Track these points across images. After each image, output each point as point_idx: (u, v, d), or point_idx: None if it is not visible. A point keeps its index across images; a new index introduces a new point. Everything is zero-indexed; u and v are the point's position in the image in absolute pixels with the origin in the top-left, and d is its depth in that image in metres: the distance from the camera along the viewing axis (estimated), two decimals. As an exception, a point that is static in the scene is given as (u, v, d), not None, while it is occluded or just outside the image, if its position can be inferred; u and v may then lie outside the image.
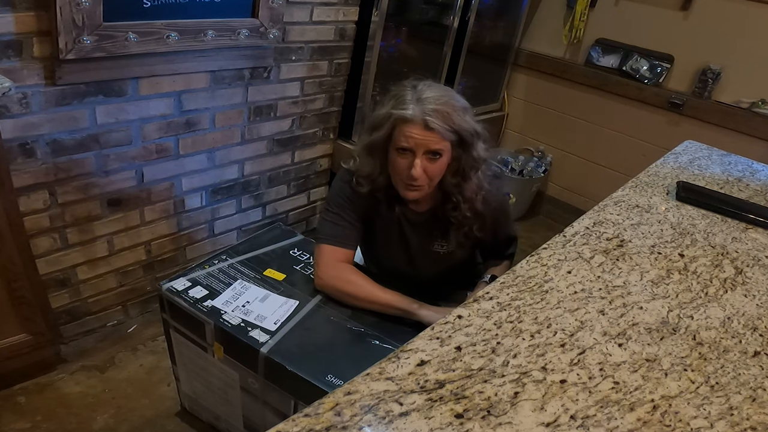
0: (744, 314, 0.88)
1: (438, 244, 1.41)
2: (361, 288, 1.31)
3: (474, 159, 1.26)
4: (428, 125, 1.16)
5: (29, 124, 1.43)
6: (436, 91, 1.20)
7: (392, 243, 1.43)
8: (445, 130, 1.17)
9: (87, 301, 1.82)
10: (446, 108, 1.17)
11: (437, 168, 1.22)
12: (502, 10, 2.97)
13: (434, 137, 1.17)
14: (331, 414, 0.58)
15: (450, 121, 1.17)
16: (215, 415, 1.52)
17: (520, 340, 0.74)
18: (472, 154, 1.25)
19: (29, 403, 1.60)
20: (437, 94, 1.19)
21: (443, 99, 1.19)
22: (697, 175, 1.46)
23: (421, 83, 1.23)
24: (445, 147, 1.20)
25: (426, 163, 1.20)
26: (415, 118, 1.17)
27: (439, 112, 1.16)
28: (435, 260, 1.44)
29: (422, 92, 1.19)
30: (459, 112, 1.20)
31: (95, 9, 1.35)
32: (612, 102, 2.83)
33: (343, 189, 1.36)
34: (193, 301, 1.29)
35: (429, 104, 1.17)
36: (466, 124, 1.21)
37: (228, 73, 1.81)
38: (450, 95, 1.22)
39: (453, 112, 1.18)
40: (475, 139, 1.23)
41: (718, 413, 0.67)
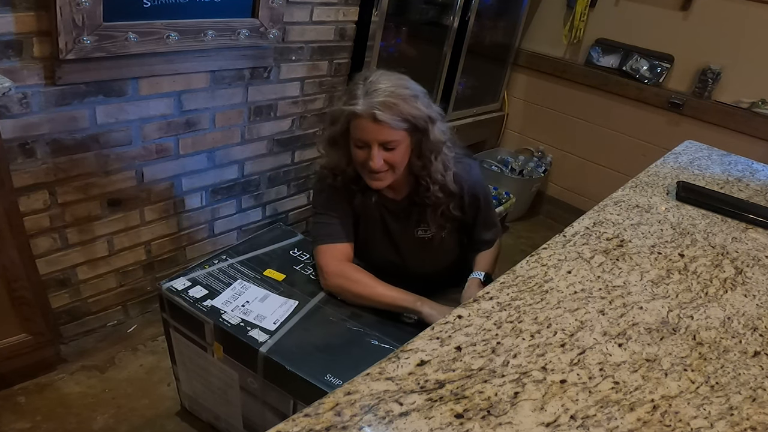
0: (744, 314, 0.88)
1: (420, 229, 1.43)
2: (366, 286, 1.33)
3: (433, 143, 1.28)
4: (377, 119, 1.18)
5: (29, 124, 1.43)
6: (386, 81, 1.21)
7: (376, 235, 1.45)
8: (395, 121, 1.19)
9: (87, 301, 1.81)
10: (394, 99, 1.19)
11: (396, 157, 1.25)
12: (502, 10, 2.97)
13: (385, 129, 1.20)
14: (331, 414, 0.58)
15: (398, 112, 1.19)
16: (215, 414, 1.52)
17: (520, 340, 0.74)
18: (430, 138, 1.27)
19: (29, 403, 1.60)
20: (386, 85, 1.20)
21: (392, 89, 1.20)
22: (697, 175, 1.46)
23: (373, 74, 1.25)
24: (399, 136, 1.23)
25: (384, 153, 1.23)
26: (364, 112, 1.19)
27: (386, 104, 1.18)
28: (420, 246, 1.45)
29: (372, 85, 1.21)
30: (409, 100, 1.21)
31: (95, 9, 1.35)
32: (612, 102, 2.83)
33: (322, 189, 1.41)
34: (193, 300, 1.29)
35: (377, 97, 1.18)
36: (417, 112, 1.22)
37: (228, 73, 1.81)
38: (401, 84, 1.23)
39: (402, 101, 1.19)
40: (429, 124, 1.25)
41: (718, 413, 0.67)
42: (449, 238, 1.46)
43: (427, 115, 1.24)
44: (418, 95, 1.24)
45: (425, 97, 1.27)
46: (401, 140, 1.23)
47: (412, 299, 1.30)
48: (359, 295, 1.33)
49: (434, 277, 1.52)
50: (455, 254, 1.53)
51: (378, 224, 1.44)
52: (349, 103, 1.22)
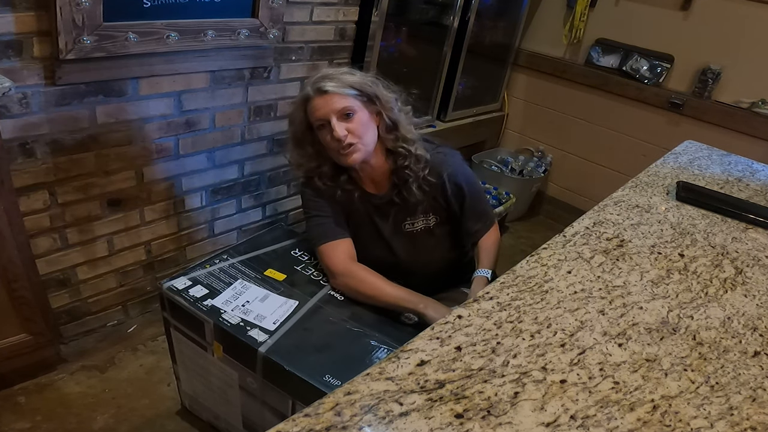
0: (744, 314, 0.88)
1: (408, 223, 1.44)
2: (373, 286, 1.34)
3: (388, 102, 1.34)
4: (323, 90, 1.27)
5: (29, 124, 1.43)
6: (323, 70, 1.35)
7: (366, 234, 1.46)
8: (340, 88, 1.27)
9: (87, 301, 1.81)
10: (333, 73, 1.30)
11: (357, 124, 1.30)
12: (502, 10, 2.97)
13: (335, 97, 1.27)
14: (331, 414, 0.58)
15: (341, 81, 1.28)
16: (215, 414, 1.52)
17: (520, 340, 0.74)
18: (383, 100, 1.33)
19: (29, 403, 1.60)
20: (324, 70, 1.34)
21: (329, 70, 1.33)
22: (697, 175, 1.46)
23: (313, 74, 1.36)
24: (352, 103, 1.29)
25: (345, 124, 1.28)
26: (312, 91, 1.29)
27: (327, 76, 1.29)
28: (409, 241, 1.45)
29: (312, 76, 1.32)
30: (347, 73, 1.31)
31: (95, 9, 1.35)
32: (612, 102, 2.83)
33: (307, 194, 1.44)
34: (194, 300, 1.29)
35: (317, 76, 1.30)
36: (357, 79, 1.31)
37: (228, 73, 1.81)
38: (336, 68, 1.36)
39: (340, 74, 1.30)
40: (375, 87, 1.32)
41: (718, 413, 0.67)
42: (438, 230, 1.46)
43: (368, 84, 1.31)
44: (354, 71, 1.34)
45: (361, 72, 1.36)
46: (356, 108, 1.29)
47: (416, 300, 1.30)
48: (367, 295, 1.34)
49: (434, 274, 1.51)
50: (449, 248, 1.52)
51: (366, 223, 1.45)
52: (299, 95, 1.34)
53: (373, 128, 1.34)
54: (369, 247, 1.46)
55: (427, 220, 1.43)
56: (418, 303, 1.29)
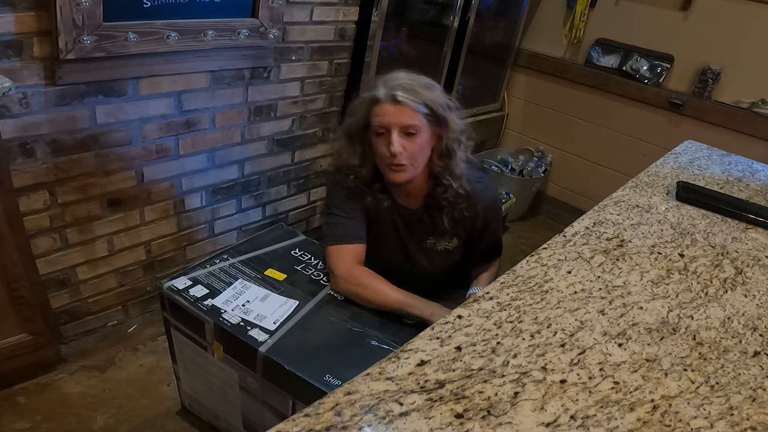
0: (744, 314, 0.88)
1: (430, 240, 1.43)
2: (378, 292, 1.31)
3: (453, 132, 1.29)
4: (396, 99, 1.21)
5: (29, 124, 1.43)
6: (403, 74, 1.28)
7: (387, 239, 1.44)
8: (414, 103, 1.21)
9: (87, 301, 1.81)
10: (413, 84, 1.24)
11: (417, 146, 1.25)
12: (502, 10, 2.97)
13: (406, 111, 1.21)
14: (331, 414, 0.58)
15: (417, 95, 1.22)
16: (215, 414, 1.52)
17: (520, 340, 0.74)
18: (450, 127, 1.28)
19: (29, 403, 1.60)
20: (404, 75, 1.27)
21: (410, 78, 1.26)
22: (697, 175, 1.46)
23: (391, 73, 1.29)
24: (420, 122, 1.24)
25: (404, 141, 1.23)
26: (384, 95, 1.23)
27: (405, 87, 1.22)
28: (428, 256, 1.46)
29: (390, 77, 1.27)
30: (426, 87, 1.25)
31: (95, 9, 1.35)
32: (612, 102, 2.83)
33: (337, 190, 1.40)
34: (194, 299, 1.29)
35: (395, 81, 1.24)
36: (435, 97, 1.25)
37: (228, 73, 1.81)
38: (416, 75, 1.28)
39: (420, 87, 1.24)
40: (447, 111, 1.27)
41: (718, 413, 0.67)
42: (456, 250, 1.47)
43: (445, 102, 1.26)
44: (435, 86, 1.28)
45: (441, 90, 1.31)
46: (421, 127, 1.24)
47: (422, 306, 1.27)
48: (369, 300, 1.32)
49: (442, 282, 1.53)
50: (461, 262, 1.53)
51: (390, 231, 1.43)
52: (370, 92, 1.26)
53: (428, 149, 1.29)
54: (386, 254, 1.46)
55: (450, 242, 1.44)
56: (424, 309, 1.27)
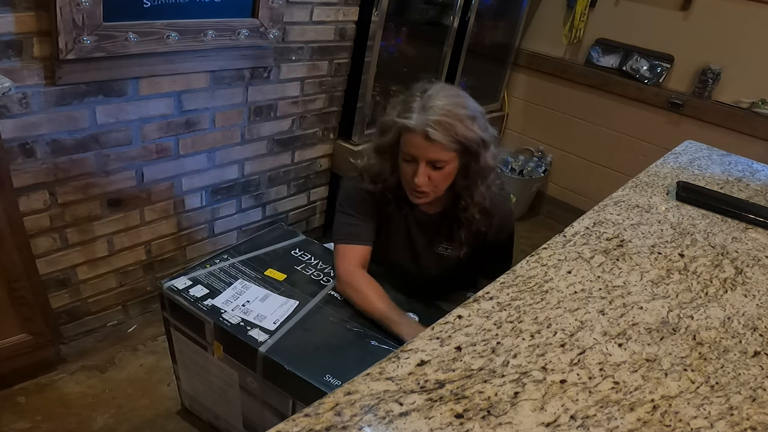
0: (744, 314, 0.88)
1: (442, 246, 1.41)
2: (367, 301, 1.30)
3: (482, 167, 1.24)
4: (429, 137, 1.14)
5: (29, 124, 1.43)
6: (443, 98, 1.17)
7: (398, 241, 1.43)
8: (447, 141, 1.15)
9: (87, 301, 1.82)
10: (450, 119, 1.14)
11: (442, 176, 1.21)
12: (502, 10, 2.97)
13: (436, 149, 1.16)
14: (331, 414, 0.58)
15: (453, 132, 1.15)
16: (215, 414, 1.52)
17: (520, 340, 0.74)
18: (479, 162, 1.23)
19: (29, 403, 1.60)
20: (444, 103, 1.15)
21: (448, 107, 1.15)
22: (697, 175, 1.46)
23: (432, 87, 1.20)
24: (449, 157, 1.19)
25: (430, 171, 1.19)
26: (416, 128, 1.15)
27: (441, 123, 1.13)
28: (437, 261, 1.44)
29: (429, 100, 1.16)
30: (465, 122, 1.16)
31: (95, 9, 1.35)
32: (612, 102, 2.83)
33: (353, 189, 1.38)
34: (194, 299, 1.29)
35: (432, 114, 1.14)
36: (472, 134, 1.17)
37: (228, 73, 1.81)
38: (458, 102, 1.18)
39: (458, 122, 1.15)
40: (481, 148, 1.20)
41: (718, 413, 0.67)
42: (465, 258, 1.44)
43: (480, 138, 1.19)
44: (476, 116, 1.19)
45: (482, 118, 1.22)
46: (450, 161, 1.19)
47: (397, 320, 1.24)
48: (359, 306, 1.32)
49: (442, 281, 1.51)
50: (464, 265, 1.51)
51: (403, 232, 1.42)
52: (402, 116, 1.17)
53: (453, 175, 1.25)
54: (396, 253, 1.45)
55: (461, 249, 1.41)
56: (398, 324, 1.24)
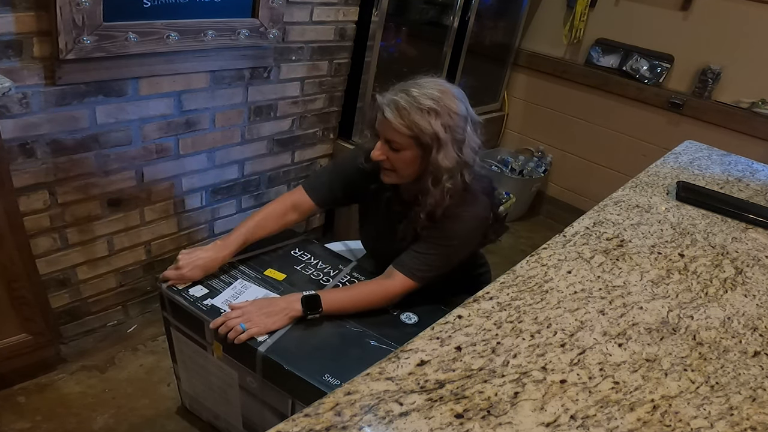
0: (744, 314, 0.88)
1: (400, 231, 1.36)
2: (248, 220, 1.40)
3: (433, 166, 1.20)
4: (384, 114, 1.19)
5: (29, 124, 1.43)
6: (422, 87, 1.19)
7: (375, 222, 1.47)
8: (399, 124, 1.18)
9: (87, 301, 1.82)
10: (409, 104, 1.17)
11: (398, 160, 1.23)
12: (502, 10, 2.97)
13: (389, 128, 1.19)
14: (331, 414, 0.58)
15: (406, 117, 1.17)
16: (215, 414, 1.52)
17: (520, 340, 0.74)
18: (431, 160, 1.20)
19: (29, 403, 1.60)
20: (417, 90, 1.18)
21: (416, 94, 1.18)
22: (697, 175, 1.46)
23: (425, 78, 1.23)
24: (403, 141, 1.20)
25: (389, 152, 1.23)
26: (381, 104, 1.21)
27: (398, 105, 1.17)
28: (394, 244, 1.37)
29: (410, 85, 1.21)
30: (424, 112, 1.17)
31: (95, 9, 1.35)
32: (612, 102, 2.83)
33: (347, 159, 1.43)
34: (193, 299, 1.29)
35: (396, 95, 1.19)
36: (426, 126, 1.17)
37: (228, 73, 1.81)
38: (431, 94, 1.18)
39: (415, 110, 1.17)
40: (434, 144, 1.18)
41: (718, 413, 0.67)
42: None
43: (434, 133, 1.17)
44: (440, 113, 1.17)
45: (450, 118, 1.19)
46: (405, 146, 1.20)
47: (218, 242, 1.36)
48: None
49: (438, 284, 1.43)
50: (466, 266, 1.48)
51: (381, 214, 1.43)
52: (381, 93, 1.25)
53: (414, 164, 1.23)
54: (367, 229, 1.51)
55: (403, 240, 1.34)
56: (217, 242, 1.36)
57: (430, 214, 1.26)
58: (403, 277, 1.27)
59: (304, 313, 1.22)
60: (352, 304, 1.28)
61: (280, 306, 1.23)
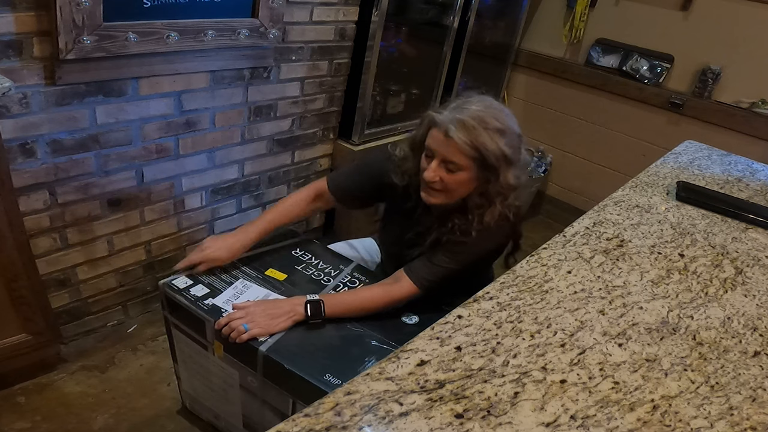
0: (744, 314, 0.88)
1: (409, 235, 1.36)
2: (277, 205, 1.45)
3: (501, 186, 1.19)
4: (448, 134, 1.13)
5: (29, 124, 1.43)
6: (480, 105, 1.17)
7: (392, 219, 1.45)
8: (464, 144, 1.13)
9: (87, 301, 1.82)
10: (476, 123, 1.13)
11: (454, 181, 1.18)
12: (502, 10, 2.97)
13: (452, 148, 1.14)
14: (331, 414, 0.58)
15: (473, 137, 1.13)
16: (215, 414, 1.52)
17: (520, 340, 0.74)
18: (499, 180, 1.18)
19: (29, 403, 1.60)
20: (477, 108, 1.15)
21: (480, 114, 1.14)
22: (697, 175, 1.46)
23: (477, 96, 1.20)
24: (464, 162, 1.16)
25: (443, 173, 1.18)
26: (441, 123, 1.15)
27: (465, 124, 1.13)
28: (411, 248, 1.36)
29: (466, 103, 1.17)
30: (491, 132, 1.14)
31: (95, 9, 1.35)
32: (612, 102, 2.83)
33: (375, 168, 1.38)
34: (194, 299, 1.29)
35: (460, 114, 1.14)
36: (493, 146, 1.14)
37: (228, 73, 1.81)
38: (492, 114, 1.16)
39: (482, 129, 1.13)
40: (502, 164, 1.16)
41: (718, 413, 0.67)
42: None
43: (503, 153, 1.15)
44: (506, 132, 1.16)
45: (514, 138, 1.18)
46: (465, 167, 1.16)
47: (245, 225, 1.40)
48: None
49: None
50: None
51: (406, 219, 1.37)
52: (436, 111, 1.19)
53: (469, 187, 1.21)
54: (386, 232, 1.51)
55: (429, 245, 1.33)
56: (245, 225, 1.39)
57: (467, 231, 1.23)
58: (410, 283, 1.25)
59: (307, 318, 1.22)
60: (357, 307, 1.27)
61: (284, 309, 1.22)
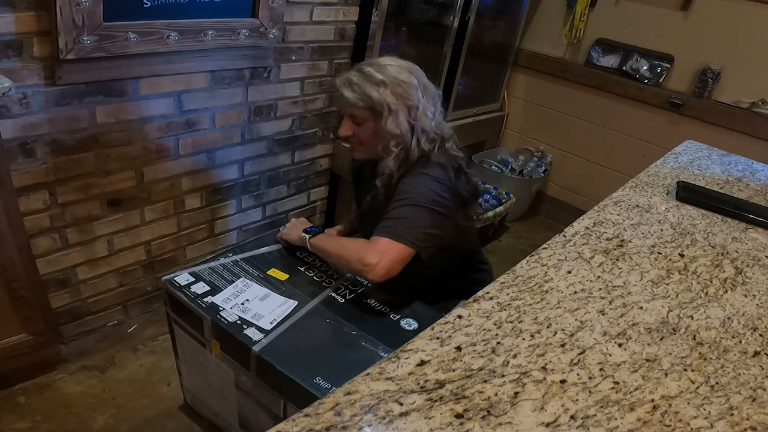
0: (744, 314, 0.88)
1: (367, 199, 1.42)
2: None
3: (384, 131, 1.28)
4: (341, 91, 1.30)
5: (29, 124, 1.43)
6: (372, 65, 1.31)
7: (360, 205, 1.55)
8: (355, 98, 1.28)
9: (87, 301, 1.82)
10: (361, 78, 1.28)
11: (363, 133, 1.32)
12: (502, 10, 2.97)
13: (347, 103, 1.30)
14: (331, 414, 0.58)
15: (360, 91, 1.27)
16: (214, 411, 1.53)
17: (520, 340, 0.74)
18: (381, 125, 1.29)
19: (29, 403, 1.60)
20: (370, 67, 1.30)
21: (368, 70, 1.29)
22: (697, 175, 1.46)
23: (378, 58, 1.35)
24: (362, 114, 1.30)
25: (355, 127, 1.32)
26: (338, 85, 1.32)
27: (351, 81, 1.28)
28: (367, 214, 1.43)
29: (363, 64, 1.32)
30: (375, 84, 1.27)
31: (95, 9, 1.35)
32: (612, 102, 2.83)
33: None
34: (194, 296, 1.29)
35: (352, 74, 1.30)
36: (376, 95, 1.26)
37: (228, 73, 1.81)
38: (382, 69, 1.29)
39: (367, 83, 1.27)
40: (385, 111, 1.27)
41: (718, 413, 0.67)
42: None
43: (386, 102, 1.26)
44: (388, 83, 1.27)
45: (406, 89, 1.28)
46: (366, 118, 1.30)
47: None
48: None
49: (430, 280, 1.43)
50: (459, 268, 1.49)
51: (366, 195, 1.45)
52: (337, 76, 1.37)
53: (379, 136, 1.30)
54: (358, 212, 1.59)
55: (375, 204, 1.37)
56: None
57: (386, 185, 1.32)
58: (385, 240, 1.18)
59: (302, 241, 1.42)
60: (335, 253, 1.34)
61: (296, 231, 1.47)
